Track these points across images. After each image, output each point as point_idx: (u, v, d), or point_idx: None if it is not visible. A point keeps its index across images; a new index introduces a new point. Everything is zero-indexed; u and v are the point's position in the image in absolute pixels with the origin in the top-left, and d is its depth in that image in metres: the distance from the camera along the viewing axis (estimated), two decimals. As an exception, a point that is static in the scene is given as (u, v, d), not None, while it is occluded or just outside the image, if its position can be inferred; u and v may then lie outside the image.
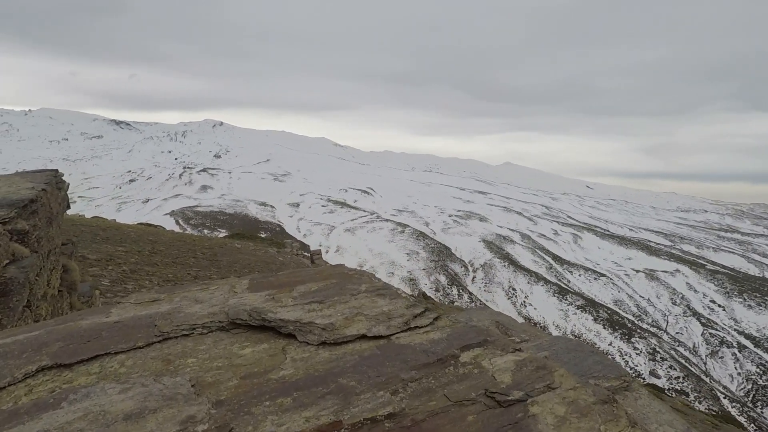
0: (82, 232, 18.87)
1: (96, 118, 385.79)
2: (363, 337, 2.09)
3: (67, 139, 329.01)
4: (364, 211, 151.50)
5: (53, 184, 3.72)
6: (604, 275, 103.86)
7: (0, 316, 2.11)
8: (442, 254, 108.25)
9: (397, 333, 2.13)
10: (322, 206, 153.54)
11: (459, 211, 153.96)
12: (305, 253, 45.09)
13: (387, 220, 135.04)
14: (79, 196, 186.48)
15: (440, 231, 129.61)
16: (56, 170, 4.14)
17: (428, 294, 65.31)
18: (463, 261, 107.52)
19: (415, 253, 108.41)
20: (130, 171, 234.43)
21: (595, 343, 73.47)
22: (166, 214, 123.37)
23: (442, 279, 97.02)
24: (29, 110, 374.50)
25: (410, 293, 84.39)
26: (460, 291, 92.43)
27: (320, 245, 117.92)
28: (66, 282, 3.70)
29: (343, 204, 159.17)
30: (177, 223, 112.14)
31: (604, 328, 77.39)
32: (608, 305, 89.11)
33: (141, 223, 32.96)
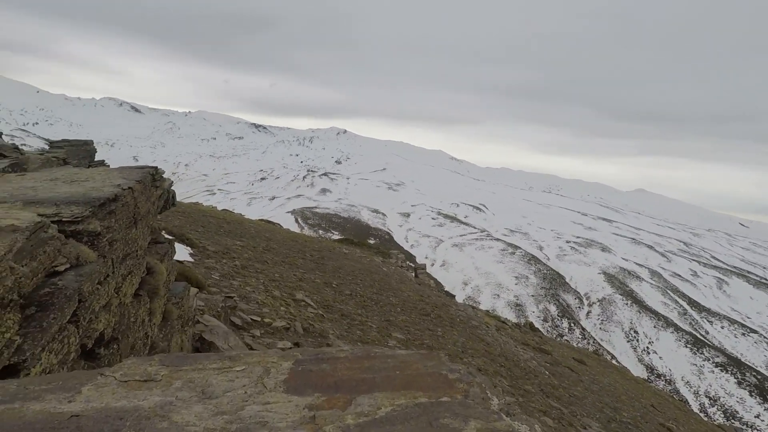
0: (210, 223, 20.54)
1: (239, 121, 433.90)
2: None
3: (215, 138, 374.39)
4: (475, 227, 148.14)
5: (147, 181, 3.57)
6: (755, 332, 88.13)
7: (22, 340, 1.79)
8: (554, 282, 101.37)
9: None
10: (432, 219, 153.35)
11: (578, 237, 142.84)
12: (410, 264, 44.70)
13: (497, 240, 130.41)
14: (218, 189, 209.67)
15: (555, 257, 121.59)
16: (156, 167, 4.06)
17: (535, 325, 61.22)
18: (578, 292, 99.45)
19: (524, 277, 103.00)
20: (262, 170, 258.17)
21: (737, 412, 62.38)
22: (288, 212, 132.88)
23: (552, 309, 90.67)
24: (189, 112, 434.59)
25: (515, 321, 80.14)
26: (572, 325, 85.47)
27: (426, 258, 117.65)
28: (148, 285, 3.52)
29: (454, 218, 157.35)
30: (296, 221, 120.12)
31: (751, 395, 65.21)
32: (759, 368, 75.11)
33: (262, 220, 35.38)
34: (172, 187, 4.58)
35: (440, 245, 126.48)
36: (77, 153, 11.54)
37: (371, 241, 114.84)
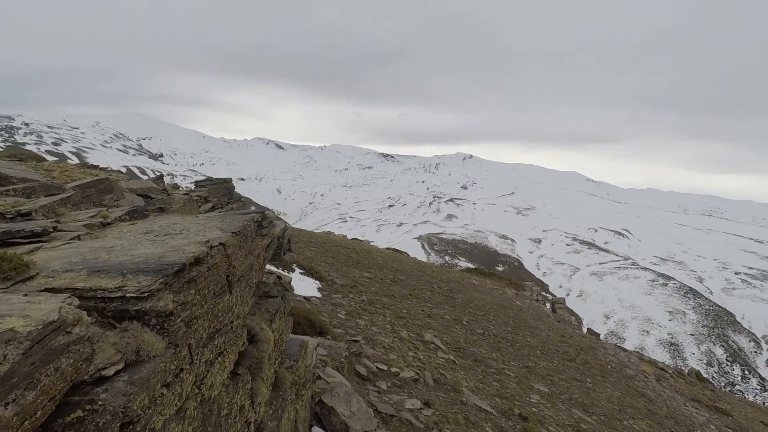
0: (340, 253, 20.79)
1: (369, 151, 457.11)
2: None
3: (347, 169, 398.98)
4: (617, 255, 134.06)
5: (249, 231, 2.95)
6: None
7: None
8: (720, 320, 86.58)
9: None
10: (567, 245, 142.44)
11: (751, 268, 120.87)
12: (545, 294, 41.58)
13: (645, 269, 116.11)
14: (350, 217, 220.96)
15: (720, 291, 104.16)
16: (263, 212, 3.47)
17: (699, 371, 52.37)
18: (754, 334, 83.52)
19: (680, 312, 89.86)
20: (390, 197, 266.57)
21: None
22: (415, 238, 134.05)
23: (718, 352, 77.29)
24: (324, 146, 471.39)
25: (670, 363, 69.63)
26: (746, 372, 71.62)
27: (560, 287, 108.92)
28: (250, 359, 2.85)
29: (591, 245, 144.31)
30: (423, 247, 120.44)
31: None
32: None
33: (389, 248, 35.48)
34: (287, 232, 3.97)
35: (576, 273, 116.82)
36: (218, 191, 12.18)
37: (500, 268, 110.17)
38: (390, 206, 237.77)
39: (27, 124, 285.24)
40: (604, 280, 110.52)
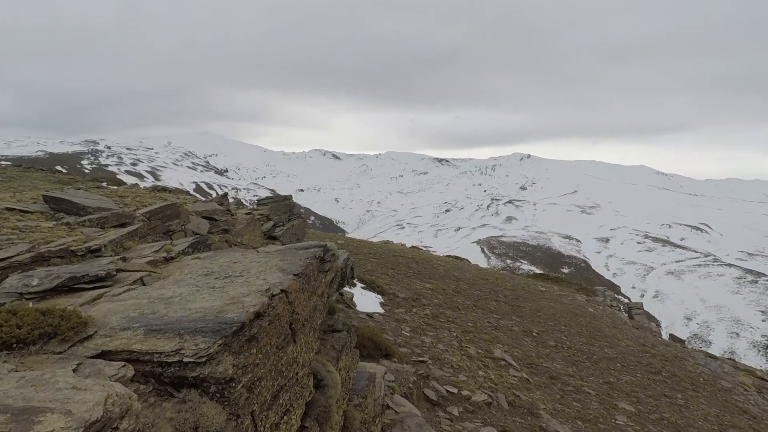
0: (399, 263, 20.56)
1: (424, 157, 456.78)
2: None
3: (402, 176, 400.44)
4: (695, 251, 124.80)
5: (311, 270, 2.73)
6: None
7: None
8: (827, 322, 77.87)
9: None
10: (638, 243, 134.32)
11: None
12: (619, 298, 39.39)
13: (730, 265, 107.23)
14: (407, 223, 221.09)
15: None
16: (325, 245, 3.26)
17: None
18: None
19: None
20: (446, 202, 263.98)
21: None
22: (474, 242, 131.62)
23: (828, 358, 69.27)
24: (379, 154, 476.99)
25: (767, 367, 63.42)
26: None
27: (633, 287, 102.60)
28: (318, 408, 2.62)
29: (666, 242, 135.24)
30: (482, 251, 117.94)
31: None
32: None
33: (449, 256, 34.86)
34: (349, 261, 3.76)
35: (650, 273, 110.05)
36: (279, 208, 12.33)
37: (565, 270, 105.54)
38: (447, 211, 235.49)
39: (109, 147, 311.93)
40: (683, 279, 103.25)
